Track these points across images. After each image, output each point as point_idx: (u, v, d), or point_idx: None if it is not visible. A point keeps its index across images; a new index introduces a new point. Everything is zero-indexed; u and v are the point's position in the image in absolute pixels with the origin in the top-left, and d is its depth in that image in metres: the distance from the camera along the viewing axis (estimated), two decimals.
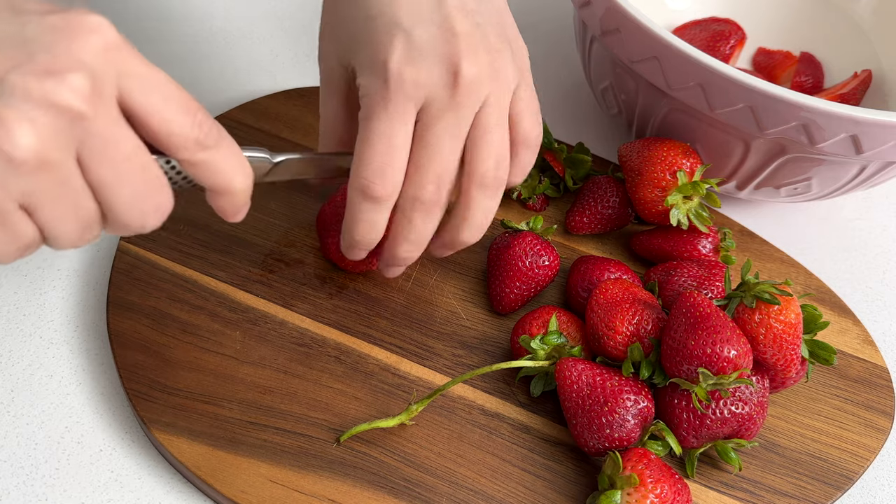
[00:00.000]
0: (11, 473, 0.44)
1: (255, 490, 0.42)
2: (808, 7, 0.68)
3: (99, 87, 0.30)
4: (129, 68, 0.31)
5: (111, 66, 0.31)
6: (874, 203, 0.64)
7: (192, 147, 0.33)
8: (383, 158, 0.40)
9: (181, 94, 0.33)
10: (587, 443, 0.44)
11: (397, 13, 0.40)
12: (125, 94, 0.31)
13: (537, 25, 0.73)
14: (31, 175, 0.29)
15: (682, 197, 0.51)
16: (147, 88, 0.32)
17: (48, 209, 0.31)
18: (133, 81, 0.31)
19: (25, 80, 0.28)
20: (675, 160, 0.51)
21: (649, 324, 0.45)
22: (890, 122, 0.45)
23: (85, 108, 0.29)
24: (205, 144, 0.34)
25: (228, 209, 0.37)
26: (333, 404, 0.46)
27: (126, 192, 0.32)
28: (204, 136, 0.33)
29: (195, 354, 0.46)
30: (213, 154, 0.34)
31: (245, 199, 0.37)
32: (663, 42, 0.47)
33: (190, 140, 0.33)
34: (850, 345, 0.52)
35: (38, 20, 0.30)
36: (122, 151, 0.31)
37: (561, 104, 0.66)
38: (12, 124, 0.28)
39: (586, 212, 0.54)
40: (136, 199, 0.32)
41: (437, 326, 0.50)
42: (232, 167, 0.35)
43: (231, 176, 0.35)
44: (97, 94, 0.30)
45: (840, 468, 0.47)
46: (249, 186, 0.37)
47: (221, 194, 0.36)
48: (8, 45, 0.29)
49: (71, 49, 0.30)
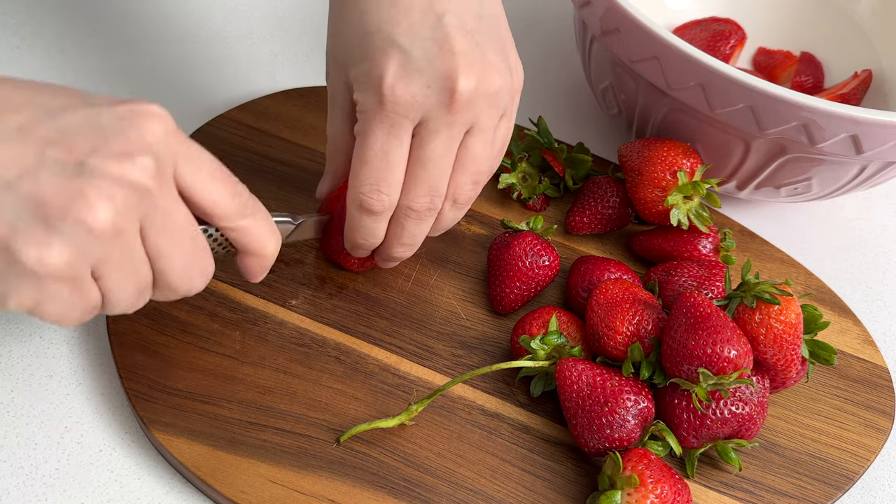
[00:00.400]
0: (11, 473, 0.44)
1: (255, 490, 0.42)
2: (808, 7, 0.68)
3: (161, 167, 0.34)
4: (183, 151, 0.35)
5: (170, 149, 0.34)
6: (874, 203, 0.64)
7: (234, 217, 0.38)
8: (379, 175, 0.42)
9: (223, 172, 0.37)
10: (587, 443, 0.44)
11: (394, 30, 0.40)
12: (179, 174, 0.35)
13: (537, 25, 0.73)
14: (105, 244, 0.33)
15: (682, 197, 0.51)
16: (197, 168, 0.36)
17: (114, 275, 0.34)
18: (186, 162, 0.35)
19: (104, 162, 0.32)
20: (675, 160, 0.51)
21: (649, 324, 0.45)
22: (890, 122, 0.45)
23: (151, 184, 0.33)
24: (243, 214, 0.38)
25: (258, 270, 0.41)
26: (333, 404, 0.46)
27: (178, 259, 0.36)
28: (243, 206, 0.38)
29: (195, 354, 0.46)
30: (251, 221, 0.38)
31: (272, 260, 0.41)
32: (663, 42, 0.47)
33: (232, 211, 0.37)
34: (851, 345, 0.52)
35: (110, 110, 0.34)
36: (177, 223, 0.35)
37: (561, 104, 0.66)
38: (94, 200, 0.32)
39: (586, 212, 0.54)
40: (186, 266, 0.36)
41: (437, 326, 0.50)
42: (265, 232, 0.39)
43: (265, 240, 0.39)
44: (160, 173, 0.34)
45: (840, 468, 0.47)
46: (277, 250, 0.40)
47: (255, 256, 0.40)
48: (86, 133, 0.33)
49: (140, 134, 0.33)
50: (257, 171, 0.55)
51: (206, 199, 0.36)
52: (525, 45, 0.71)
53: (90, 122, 0.33)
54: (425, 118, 0.40)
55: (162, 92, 0.62)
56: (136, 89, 0.62)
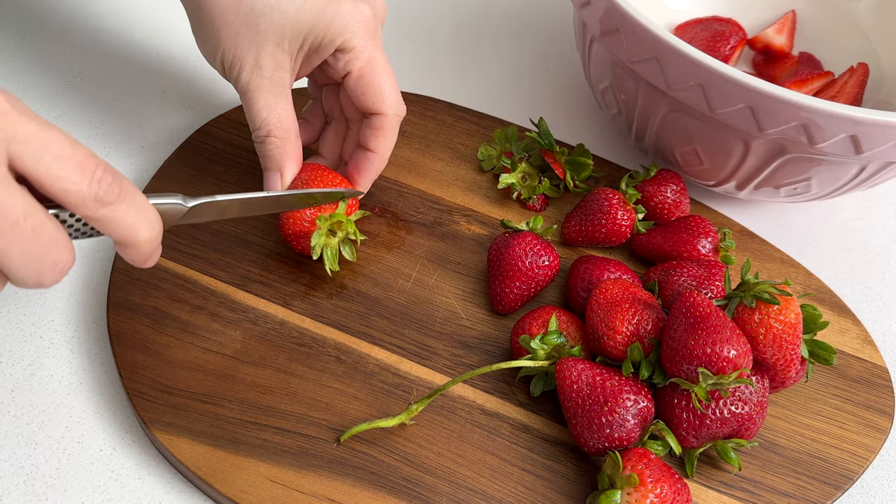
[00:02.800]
0: (11, 473, 0.44)
1: (255, 490, 0.42)
2: (808, 7, 0.68)
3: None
4: (17, 133, 0.31)
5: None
6: (874, 203, 0.64)
7: (91, 204, 0.33)
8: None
9: (76, 153, 0.33)
10: (587, 443, 0.44)
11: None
12: (15, 160, 0.31)
13: (537, 25, 0.73)
14: None
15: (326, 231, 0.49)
16: (38, 152, 0.32)
17: None
18: (22, 146, 0.31)
19: None
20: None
21: (649, 324, 0.45)
22: (890, 122, 0.45)
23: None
24: (105, 201, 0.34)
25: (136, 259, 0.37)
26: (333, 404, 0.46)
27: (16, 255, 0.32)
28: (104, 192, 0.34)
29: (195, 354, 0.46)
30: (115, 209, 0.34)
31: (151, 249, 0.37)
32: (663, 42, 0.47)
33: (87, 198, 0.33)
34: (850, 345, 0.52)
35: None
36: (9, 217, 0.31)
37: (561, 104, 0.67)
38: None
39: (582, 229, 0.54)
40: (28, 261, 0.33)
41: (437, 326, 0.50)
42: (135, 220, 0.35)
43: (135, 229, 0.36)
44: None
45: (840, 468, 0.47)
46: (155, 237, 0.37)
47: (126, 246, 0.36)
48: None
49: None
50: (257, 171, 0.55)
51: (51, 187, 0.32)
52: (525, 44, 0.71)
53: None
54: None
55: (162, 92, 0.62)
56: (136, 89, 0.62)
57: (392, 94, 0.49)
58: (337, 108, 0.53)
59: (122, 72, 0.63)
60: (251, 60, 0.45)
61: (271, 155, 0.48)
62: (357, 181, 0.51)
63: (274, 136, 0.47)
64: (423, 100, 0.61)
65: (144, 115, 0.60)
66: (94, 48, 0.64)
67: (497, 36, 0.71)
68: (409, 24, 0.70)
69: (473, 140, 0.59)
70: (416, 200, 0.55)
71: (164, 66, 0.64)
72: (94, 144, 0.58)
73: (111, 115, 0.60)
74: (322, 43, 0.46)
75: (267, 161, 0.48)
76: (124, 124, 0.59)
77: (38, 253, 0.33)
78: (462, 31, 0.71)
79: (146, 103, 0.61)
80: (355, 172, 0.51)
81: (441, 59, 0.69)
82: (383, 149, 0.50)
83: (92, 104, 0.60)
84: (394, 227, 0.54)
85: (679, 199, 0.55)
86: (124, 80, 0.62)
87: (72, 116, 0.59)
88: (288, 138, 0.47)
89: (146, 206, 0.36)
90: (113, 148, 0.58)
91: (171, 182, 0.54)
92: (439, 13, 0.73)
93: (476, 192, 0.56)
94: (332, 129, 0.54)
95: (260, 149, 0.48)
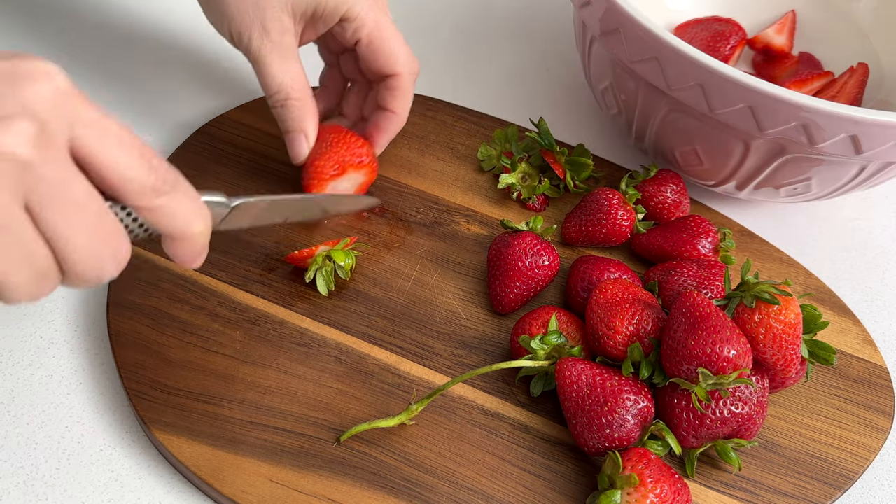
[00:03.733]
0: (11, 473, 0.44)
1: (255, 490, 0.42)
2: (808, 7, 0.68)
3: (47, 134, 0.29)
4: (81, 116, 0.31)
5: (62, 114, 0.30)
6: (874, 203, 0.64)
7: (148, 193, 0.33)
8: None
9: (135, 141, 0.32)
10: (587, 443, 0.44)
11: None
12: (77, 142, 0.31)
13: (537, 25, 0.73)
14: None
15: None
16: (100, 136, 0.31)
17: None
18: (85, 129, 0.31)
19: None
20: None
21: (649, 324, 0.45)
22: (890, 122, 0.45)
23: (31, 154, 0.29)
24: (161, 190, 0.33)
25: (187, 255, 0.36)
26: (333, 404, 0.46)
27: (80, 240, 0.31)
28: (161, 181, 0.33)
29: (195, 354, 0.46)
30: (170, 199, 0.33)
31: (204, 243, 0.36)
32: (663, 42, 0.47)
33: (146, 186, 0.32)
34: (850, 345, 0.52)
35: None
36: (73, 198, 0.30)
37: (561, 104, 0.66)
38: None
39: (582, 228, 0.54)
40: (91, 247, 0.31)
41: (437, 326, 0.50)
42: (189, 212, 0.35)
43: (189, 220, 0.35)
44: (45, 141, 0.29)
45: (840, 468, 0.47)
46: (208, 231, 0.36)
47: (179, 240, 0.35)
48: None
49: (18, 96, 0.29)
50: (257, 171, 0.55)
51: (112, 172, 0.31)
52: (525, 44, 0.71)
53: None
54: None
55: (163, 92, 0.62)
56: (136, 89, 0.62)
57: (403, 54, 0.50)
58: (358, 72, 0.54)
59: (123, 72, 0.63)
60: (258, 26, 0.46)
61: (293, 117, 0.49)
62: (376, 140, 0.53)
63: (293, 99, 0.48)
64: (423, 100, 0.61)
65: (144, 115, 0.60)
66: (93, 48, 0.64)
67: (497, 36, 0.71)
68: (410, 23, 0.70)
69: (473, 140, 0.59)
70: (416, 200, 0.55)
71: (164, 67, 0.64)
72: None
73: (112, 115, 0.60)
74: (325, 11, 0.47)
75: (289, 123, 0.49)
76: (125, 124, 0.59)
77: (101, 239, 0.32)
78: (462, 31, 0.71)
79: (146, 103, 0.61)
80: (375, 132, 0.53)
81: (441, 59, 0.69)
82: (402, 108, 0.52)
83: None
84: (394, 227, 0.54)
85: (679, 199, 0.55)
86: (125, 80, 0.62)
87: None
88: (306, 99, 0.48)
89: (197, 198, 0.35)
90: None
91: None
92: (439, 13, 0.73)
93: (476, 192, 0.56)
94: (355, 90, 0.56)
95: (280, 113, 0.49)
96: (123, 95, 0.61)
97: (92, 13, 0.66)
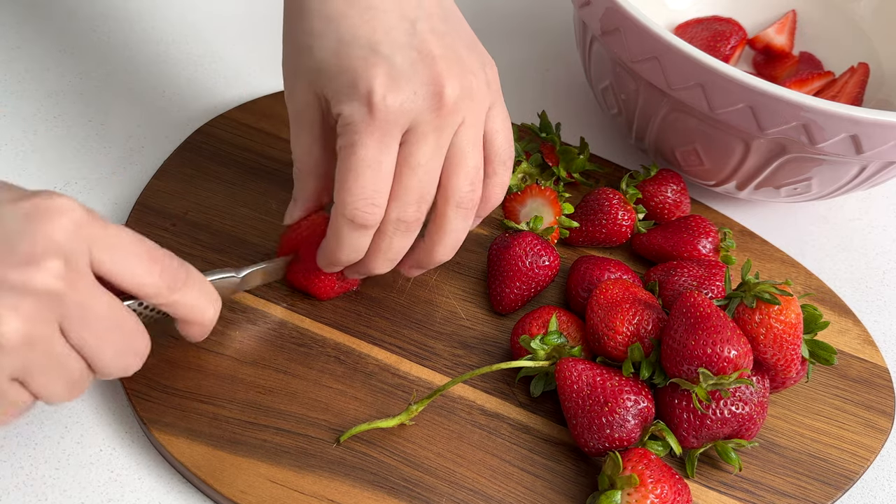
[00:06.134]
0: (11, 473, 0.44)
1: (255, 490, 0.42)
2: (808, 7, 0.68)
3: (73, 264, 0.33)
4: (98, 239, 0.34)
5: (82, 242, 0.34)
6: (874, 203, 0.64)
7: (164, 293, 0.37)
8: (373, 186, 0.40)
9: (147, 248, 0.36)
10: (587, 443, 0.44)
11: (372, 37, 0.40)
12: (96, 262, 0.34)
13: (537, 25, 0.73)
14: (19, 353, 0.32)
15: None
16: (116, 253, 0.35)
17: (38, 378, 0.34)
18: (103, 251, 0.34)
19: (7, 272, 0.32)
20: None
21: (649, 324, 0.45)
22: (890, 122, 0.45)
23: (62, 286, 0.33)
24: (174, 287, 0.37)
25: (196, 335, 0.41)
26: (333, 404, 0.46)
27: (107, 348, 0.35)
28: (173, 280, 0.37)
29: (195, 354, 0.46)
30: (183, 294, 0.38)
31: (212, 324, 0.40)
32: (663, 42, 0.47)
33: (161, 287, 0.36)
34: (850, 345, 0.52)
35: (12, 210, 0.33)
36: (98, 314, 0.34)
37: (561, 104, 0.66)
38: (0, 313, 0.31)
39: (582, 229, 0.54)
40: (117, 352, 0.36)
41: (437, 326, 0.50)
42: (202, 302, 0.39)
43: (202, 309, 0.39)
44: (72, 270, 0.33)
45: (840, 468, 0.47)
46: (217, 315, 0.40)
47: (192, 324, 0.40)
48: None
49: (45, 235, 0.32)
50: (257, 171, 0.55)
51: (130, 283, 0.35)
52: (525, 45, 0.71)
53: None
54: (414, 124, 0.40)
55: (162, 91, 0.62)
56: (136, 89, 0.62)
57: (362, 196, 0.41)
58: None
59: (122, 72, 0.63)
60: (289, 87, 0.44)
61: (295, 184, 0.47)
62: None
63: (295, 168, 0.46)
64: None
65: (144, 115, 0.60)
66: (93, 48, 0.64)
67: (497, 36, 0.71)
68: None
69: None
70: None
71: (164, 66, 0.64)
72: (94, 144, 0.58)
73: (111, 115, 0.60)
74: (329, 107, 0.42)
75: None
76: (124, 124, 0.59)
77: (125, 344, 0.36)
78: None
79: (146, 103, 0.61)
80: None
81: None
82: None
83: (92, 104, 0.60)
84: None
85: (679, 199, 0.55)
86: (124, 80, 0.62)
87: (72, 116, 0.59)
88: (302, 175, 0.46)
89: (208, 286, 0.39)
90: (113, 148, 0.58)
91: (171, 182, 0.54)
92: None
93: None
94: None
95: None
96: (124, 95, 0.61)
97: (92, 13, 0.66)
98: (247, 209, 0.53)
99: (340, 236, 0.42)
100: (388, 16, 0.40)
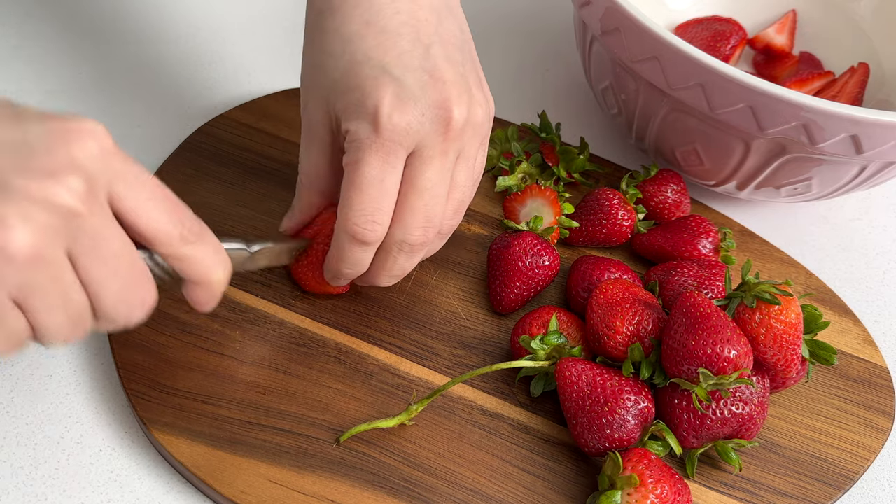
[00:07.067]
0: (11, 473, 0.44)
1: (255, 490, 0.42)
2: (808, 7, 0.68)
3: (93, 188, 0.32)
4: (120, 171, 0.33)
5: (105, 169, 0.33)
6: (874, 203, 0.64)
7: (176, 243, 0.36)
8: (375, 204, 0.40)
9: (166, 195, 0.35)
10: (587, 443, 0.44)
11: (384, 58, 0.40)
12: (116, 196, 0.33)
13: (537, 25, 0.73)
14: (25, 269, 0.31)
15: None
16: (136, 190, 0.34)
17: (39, 302, 0.32)
18: (124, 184, 0.33)
19: (26, 181, 0.30)
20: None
21: (649, 324, 0.45)
22: (890, 122, 0.45)
23: (80, 207, 0.31)
24: (187, 240, 0.36)
25: (204, 300, 0.39)
26: (333, 404, 0.46)
27: (114, 287, 0.34)
28: (188, 232, 0.36)
29: (195, 354, 0.46)
30: (196, 249, 0.37)
31: (221, 289, 0.39)
32: (663, 42, 0.47)
33: (174, 237, 0.35)
34: (851, 345, 0.52)
35: (39, 125, 0.32)
36: (111, 248, 0.33)
37: (561, 104, 0.66)
38: (11, 221, 0.30)
39: (582, 229, 0.54)
40: (123, 294, 0.34)
41: (437, 326, 0.50)
42: (212, 260, 0.38)
43: (211, 268, 0.38)
44: (91, 195, 0.32)
45: (840, 468, 0.47)
46: (225, 279, 0.39)
47: (201, 285, 0.38)
48: (11, 149, 0.31)
49: (69, 152, 0.32)
50: (257, 171, 0.55)
51: (145, 225, 0.34)
52: (525, 44, 0.71)
53: (16, 137, 0.31)
54: (419, 146, 0.40)
55: (162, 91, 0.62)
56: (136, 89, 0.62)
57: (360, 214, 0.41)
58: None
59: (122, 71, 0.63)
60: (304, 101, 0.44)
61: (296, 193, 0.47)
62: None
63: (299, 180, 0.46)
64: None
65: (144, 114, 0.60)
66: (94, 48, 0.64)
67: (497, 36, 0.71)
68: None
69: None
70: None
71: (164, 66, 0.64)
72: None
73: (111, 114, 0.60)
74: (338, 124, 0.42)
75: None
76: (124, 124, 0.59)
77: (133, 287, 0.35)
78: None
79: (146, 103, 0.61)
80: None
81: None
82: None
83: (92, 104, 0.60)
84: None
85: (679, 199, 0.55)
86: (124, 79, 0.62)
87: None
88: (304, 189, 0.46)
89: (220, 248, 0.38)
90: None
91: (171, 181, 0.53)
92: None
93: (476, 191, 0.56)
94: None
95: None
96: (124, 95, 0.61)
97: (92, 13, 0.66)
98: (247, 209, 0.53)
99: (342, 250, 0.42)
100: (403, 39, 0.40)
